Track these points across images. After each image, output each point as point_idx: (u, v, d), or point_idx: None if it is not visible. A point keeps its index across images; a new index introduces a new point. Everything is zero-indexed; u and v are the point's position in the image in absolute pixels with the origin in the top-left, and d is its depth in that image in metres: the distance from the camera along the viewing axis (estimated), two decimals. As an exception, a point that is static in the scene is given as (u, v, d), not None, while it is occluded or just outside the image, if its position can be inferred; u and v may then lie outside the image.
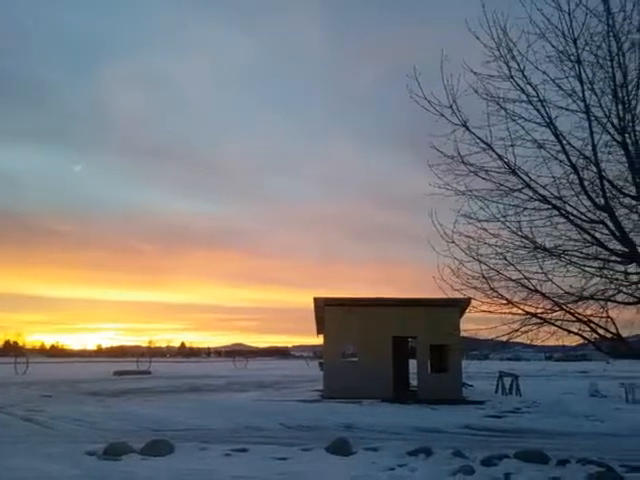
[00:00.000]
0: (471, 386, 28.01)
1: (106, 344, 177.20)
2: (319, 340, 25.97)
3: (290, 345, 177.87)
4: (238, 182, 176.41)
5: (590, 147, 7.56)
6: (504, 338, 8.79)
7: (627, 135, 7.41)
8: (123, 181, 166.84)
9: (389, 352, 22.96)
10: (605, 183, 7.63)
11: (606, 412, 18.63)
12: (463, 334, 20.17)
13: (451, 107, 7.94)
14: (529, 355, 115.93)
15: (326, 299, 23.73)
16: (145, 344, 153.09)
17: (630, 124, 7.41)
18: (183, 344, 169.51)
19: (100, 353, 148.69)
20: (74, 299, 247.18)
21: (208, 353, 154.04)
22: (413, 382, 25.14)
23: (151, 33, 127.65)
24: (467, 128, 7.93)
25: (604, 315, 8.02)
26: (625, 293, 8.07)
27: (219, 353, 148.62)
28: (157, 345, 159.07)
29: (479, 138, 7.91)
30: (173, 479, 8.08)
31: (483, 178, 8.18)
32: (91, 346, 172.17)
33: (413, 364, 25.18)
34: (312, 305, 24.91)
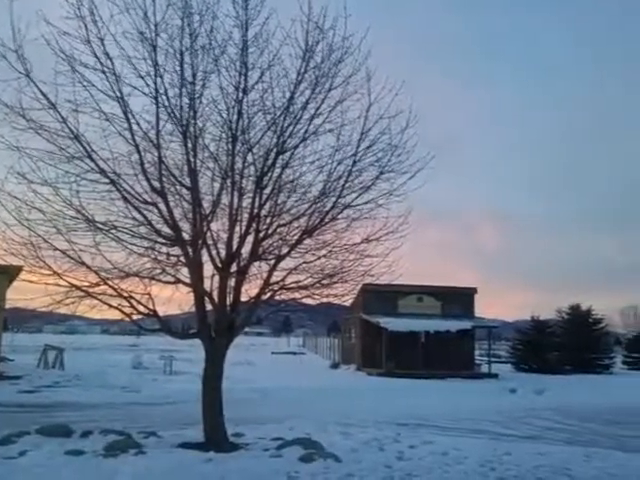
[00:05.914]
0: (12, 360, 25.91)
1: None
2: None
3: None
4: None
5: (155, 132, 7.87)
6: (46, 309, 8.36)
7: (188, 129, 8.01)
8: None
9: None
10: (164, 169, 8.10)
11: (144, 383, 19.98)
12: (8, 305, 18.49)
13: (16, 52, 7.09)
14: (85, 328, 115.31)
15: None
16: None
17: (192, 120, 8.03)
18: None
19: None
20: None
21: None
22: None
23: None
24: (31, 80, 7.22)
25: (145, 292, 8.50)
26: (168, 273, 8.75)
27: None
28: None
29: (44, 94, 7.30)
30: None
31: (44, 138, 7.61)
32: None
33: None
34: None
